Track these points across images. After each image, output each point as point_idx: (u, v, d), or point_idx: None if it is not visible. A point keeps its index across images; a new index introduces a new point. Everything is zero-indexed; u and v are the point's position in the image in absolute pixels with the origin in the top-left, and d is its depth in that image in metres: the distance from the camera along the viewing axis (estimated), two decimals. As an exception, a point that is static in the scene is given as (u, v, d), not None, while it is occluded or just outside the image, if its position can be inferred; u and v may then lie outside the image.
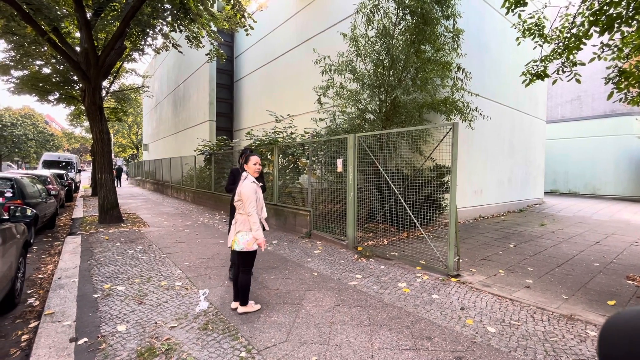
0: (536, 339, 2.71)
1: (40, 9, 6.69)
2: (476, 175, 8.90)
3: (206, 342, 2.60)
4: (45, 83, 13.47)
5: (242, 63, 16.49)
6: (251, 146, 8.63)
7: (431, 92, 6.47)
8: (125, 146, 41.41)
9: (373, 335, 2.73)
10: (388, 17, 6.32)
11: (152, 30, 9.37)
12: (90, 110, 7.95)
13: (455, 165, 4.12)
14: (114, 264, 4.68)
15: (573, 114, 18.13)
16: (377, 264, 4.79)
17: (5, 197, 5.72)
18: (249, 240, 3.00)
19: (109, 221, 7.88)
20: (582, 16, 5.30)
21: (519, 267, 4.74)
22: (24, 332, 2.88)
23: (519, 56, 9.73)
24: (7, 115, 37.54)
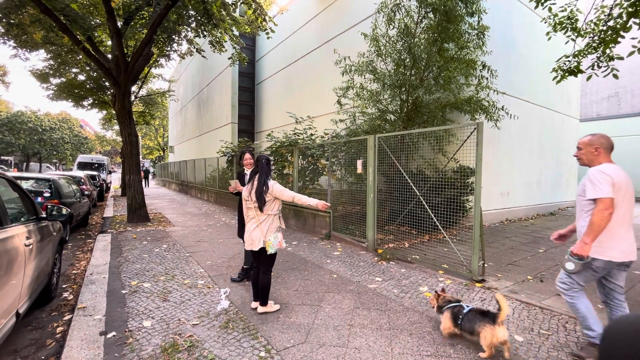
0: (568, 351, 2.55)
1: (76, 20, 7.11)
2: (503, 177, 8.56)
3: (227, 341, 2.64)
4: (80, 89, 14.32)
5: (263, 66, 16.76)
6: (271, 147, 8.74)
7: (455, 91, 6.29)
8: (152, 148, 43.16)
9: (393, 340, 2.68)
10: (410, 15, 6.21)
11: (177, 36, 9.73)
12: (120, 114, 8.34)
13: (480, 166, 3.98)
14: (141, 261, 4.87)
15: (610, 112, 17.06)
16: (398, 267, 4.70)
17: (44, 196, 6.10)
18: (280, 240, 3.11)
19: (136, 220, 8.23)
20: (620, 7, 4.97)
21: (550, 273, 4.50)
22: (59, 325, 3.05)
23: (548, 52, 9.28)
24: (46, 120, 40.19)
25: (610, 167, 2.27)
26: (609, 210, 2.16)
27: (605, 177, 2.20)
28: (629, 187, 2.26)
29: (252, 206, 3.09)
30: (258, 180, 3.08)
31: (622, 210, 2.24)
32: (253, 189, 3.08)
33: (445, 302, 2.79)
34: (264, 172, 3.10)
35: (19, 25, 8.07)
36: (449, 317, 2.67)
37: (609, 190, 2.17)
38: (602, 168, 2.27)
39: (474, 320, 2.47)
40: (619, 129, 16.07)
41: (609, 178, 2.20)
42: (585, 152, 2.42)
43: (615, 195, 2.19)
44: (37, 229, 3.00)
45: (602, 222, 2.16)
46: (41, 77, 13.49)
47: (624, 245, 2.26)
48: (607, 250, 2.26)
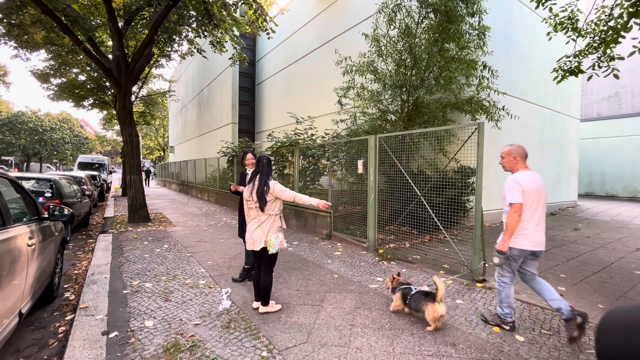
0: (570, 351, 2.56)
1: (77, 20, 7.12)
2: (503, 177, 8.53)
3: (229, 340, 2.65)
4: (80, 89, 14.33)
5: (263, 66, 16.78)
6: (272, 147, 8.75)
7: (455, 91, 6.29)
8: (153, 148, 43.19)
9: (394, 340, 2.68)
10: (410, 16, 6.22)
11: (178, 36, 9.74)
12: (121, 114, 8.36)
13: (481, 166, 3.99)
14: (142, 261, 4.88)
15: (610, 112, 17.05)
16: (399, 267, 4.71)
17: (45, 197, 6.11)
18: (282, 240, 3.12)
19: (137, 220, 8.24)
20: (621, 7, 4.98)
21: (551, 273, 4.50)
22: (61, 324, 3.06)
23: (549, 52, 9.28)
24: (47, 120, 40.20)
25: (523, 175, 2.78)
26: (518, 213, 2.68)
27: (516, 186, 2.71)
28: (538, 191, 2.74)
29: (254, 206, 3.10)
30: (259, 181, 3.08)
31: (532, 210, 2.73)
32: (254, 189, 3.08)
33: (398, 285, 3.23)
34: (265, 172, 3.11)
35: (20, 25, 8.08)
36: (399, 297, 3.12)
37: (519, 197, 2.68)
38: (516, 177, 2.78)
39: (419, 300, 2.93)
40: (620, 129, 16.07)
41: (519, 187, 2.70)
42: (506, 160, 2.93)
43: (526, 199, 2.70)
44: (40, 229, 3.01)
45: (513, 222, 2.69)
46: (42, 77, 13.51)
47: (534, 237, 2.73)
48: (520, 241, 2.74)
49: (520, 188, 2.69)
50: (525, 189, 2.69)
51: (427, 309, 2.83)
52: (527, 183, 2.71)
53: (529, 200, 2.71)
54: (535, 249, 2.75)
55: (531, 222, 2.73)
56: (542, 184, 2.80)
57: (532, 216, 2.73)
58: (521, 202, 2.67)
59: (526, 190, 2.69)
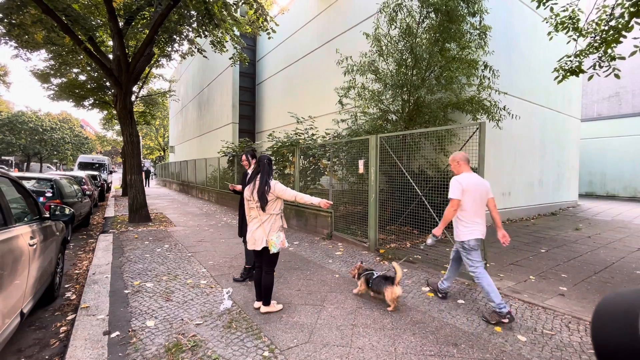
0: (572, 350, 2.56)
1: (77, 20, 7.12)
2: (504, 177, 8.56)
3: (230, 340, 2.65)
4: (81, 89, 14.32)
5: (264, 66, 16.77)
6: (273, 147, 8.75)
7: (456, 91, 6.29)
8: (153, 148, 43.18)
9: (396, 340, 2.68)
10: (411, 15, 6.22)
11: (178, 36, 9.74)
12: (122, 114, 8.35)
13: (482, 166, 3.98)
14: (143, 261, 4.88)
15: (611, 112, 17.04)
16: (399, 266, 4.69)
17: (46, 196, 6.10)
18: (283, 240, 3.12)
19: (138, 220, 8.23)
20: (622, 7, 4.97)
21: (552, 273, 4.50)
22: (62, 324, 3.06)
23: (550, 52, 9.28)
24: (47, 120, 40.20)
25: (464, 176, 3.20)
26: (454, 207, 3.13)
27: (457, 185, 3.12)
28: (477, 189, 3.14)
29: (255, 206, 3.09)
30: (260, 180, 3.08)
31: (474, 205, 3.14)
32: (255, 188, 3.08)
33: (362, 271, 3.61)
34: (266, 172, 3.10)
35: (21, 25, 8.07)
36: (363, 282, 3.52)
37: (458, 194, 3.10)
38: (458, 177, 3.19)
39: (379, 283, 3.32)
40: (620, 129, 16.07)
41: (460, 186, 3.11)
42: (453, 165, 3.37)
43: (467, 196, 3.11)
44: (41, 228, 3.01)
45: (449, 215, 3.16)
46: (42, 77, 13.50)
47: (482, 228, 3.20)
48: (472, 232, 3.15)
49: (460, 187, 3.11)
50: (466, 188, 3.11)
51: (387, 291, 3.21)
52: (467, 183, 3.13)
53: (470, 197, 3.12)
54: (482, 236, 3.21)
55: (470, 213, 3.15)
56: (481, 183, 3.21)
57: (477, 211, 3.15)
58: (459, 198, 3.11)
59: (466, 189, 3.11)
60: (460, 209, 3.16)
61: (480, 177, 3.34)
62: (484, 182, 3.25)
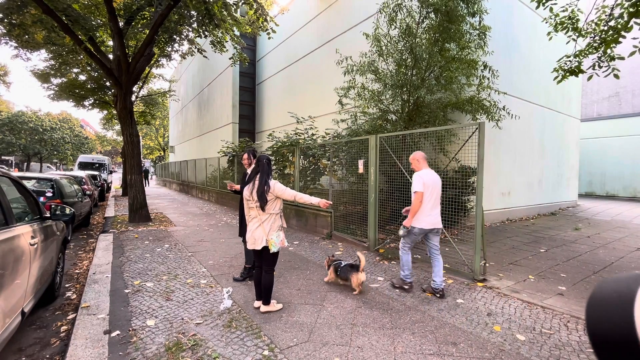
0: (570, 350, 2.57)
1: (78, 20, 7.13)
2: (504, 177, 8.57)
3: (230, 339, 2.66)
4: (81, 89, 14.33)
5: (264, 66, 16.78)
6: (273, 147, 8.76)
7: (456, 91, 6.30)
8: (153, 148, 43.19)
9: (395, 339, 2.69)
10: (411, 15, 6.22)
11: (178, 36, 9.73)
12: (122, 114, 8.36)
13: (481, 166, 3.99)
14: (143, 261, 4.89)
15: (611, 112, 17.06)
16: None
17: (46, 196, 6.11)
18: (283, 239, 3.14)
19: (138, 220, 8.24)
20: (621, 7, 4.98)
21: (551, 272, 4.51)
22: (63, 324, 3.07)
23: (550, 52, 9.30)
24: (47, 120, 40.21)
25: (424, 172, 3.65)
26: (419, 199, 3.53)
27: (419, 179, 3.57)
28: (434, 184, 3.61)
29: (254, 205, 3.11)
30: (259, 180, 3.09)
31: (429, 198, 3.56)
32: (254, 188, 3.09)
33: (332, 262, 4.00)
34: (265, 171, 3.11)
35: (21, 25, 8.08)
36: (332, 270, 3.91)
37: (421, 187, 3.54)
38: (420, 173, 3.65)
39: (346, 271, 3.74)
40: (620, 129, 16.08)
41: (421, 180, 3.56)
42: (413, 163, 3.81)
43: (425, 190, 3.54)
44: (42, 228, 3.02)
45: (416, 206, 3.55)
46: (42, 77, 13.51)
47: (430, 218, 3.58)
48: (419, 221, 3.58)
49: (421, 181, 3.56)
50: (425, 182, 3.56)
51: (353, 277, 3.64)
52: (426, 178, 3.58)
53: (427, 191, 3.56)
54: (432, 227, 3.59)
55: (427, 206, 3.57)
56: (437, 179, 3.69)
57: (429, 202, 3.58)
58: (422, 190, 3.54)
59: (425, 183, 3.55)
60: (424, 202, 3.58)
61: (434, 172, 3.75)
62: (438, 177, 3.73)
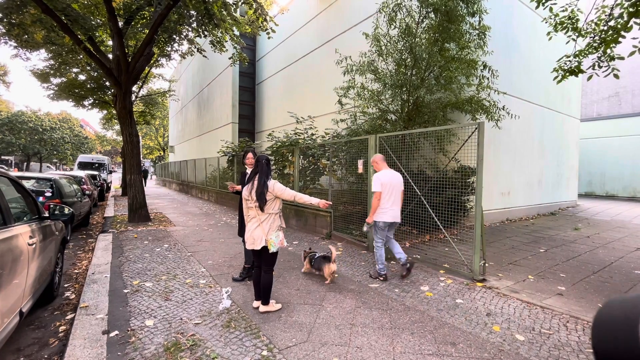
0: (570, 350, 2.56)
1: (77, 20, 7.12)
2: (503, 177, 8.57)
3: (229, 340, 2.65)
4: (80, 89, 14.32)
5: (263, 66, 16.77)
6: (272, 147, 8.75)
7: (455, 91, 6.29)
8: (153, 148, 43.17)
9: (395, 339, 2.69)
10: (411, 15, 6.22)
11: (178, 36, 9.73)
12: (121, 114, 8.35)
13: (481, 166, 3.98)
14: (142, 261, 4.88)
15: (610, 112, 17.06)
16: (399, 266, 4.70)
17: (46, 196, 6.11)
18: (282, 239, 3.13)
19: (137, 220, 8.24)
20: (621, 7, 4.98)
21: (550, 272, 4.51)
22: (62, 324, 3.06)
23: (549, 52, 9.30)
24: (47, 120, 40.19)
25: (382, 172, 4.09)
26: (377, 198, 3.99)
27: (377, 180, 4.01)
28: (392, 183, 4.02)
29: (253, 205, 3.10)
30: (258, 180, 3.09)
31: (389, 195, 4.01)
32: (253, 188, 3.09)
33: (307, 254, 4.39)
34: (264, 172, 3.11)
35: (20, 25, 8.07)
36: (307, 262, 4.30)
37: (379, 187, 3.98)
38: (378, 174, 4.09)
39: (319, 262, 4.10)
40: (619, 129, 16.08)
41: (379, 180, 4.00)
42: (374, 165, 4.27)
43: (383, 189, 3.98)
44: (40, 228, 3.01)
45: (375, 204, 4.01)
46: (42, 77, 13.50)
47: (391, 213, 4.03)
48: (382, 216, 4.03)
49: (379, 181, 3.99)
50: (383, 182, 3.99)
51: (325, 268, 3.98)
52: (384, 178, 4.02)
53: (386, 189, 3.99)
54: (392, 221, 4.06)
55: (388, 203, 4.01)
56: (396, 177, 4.11)
57: (389, 199, 4.00)
58: (380, 190, 3.97)
59: (384, 183, 3.99)
60: (383, 200, 4.01)
61: (395, 172, 4.17)
62: (398, 176, 4.14)
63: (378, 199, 3.96)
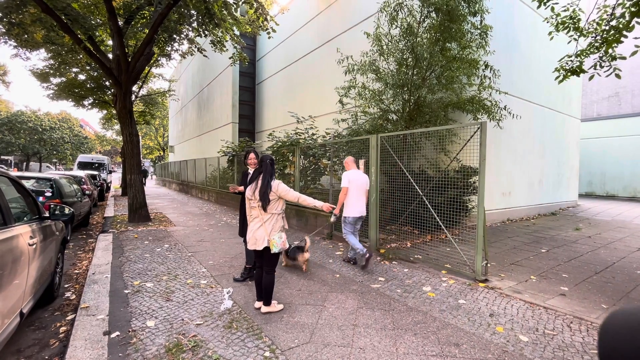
0: (574, 351, 2.55)
1: (77, 19, 7.10)
2: (504, 177, 8.55)
3: (231, 341, 2.63)
4: (80, 89, 14.29)
5: (264, 65, 16.75)
6: (273, 147, 8.73)
7: (457, 91, 6.28)
8: (152, 148, 43.11)
9: (398, 340, 2.67)
10: (412, 15, 6.21)
11: (178, 35, 9.71)
12: (121, 114, 8.33)
13: (483, 166, 3.96)
14: (143, 261, 4.86)
15: (610, 112, 17.06)
16: (401, 266, 4.69)
17: (46, 196, 6.08)
18: (284, 240, 3.10)
19: (137, 220, 8.21)
20: (623, 7, 4.97)
21: (553, 273, 4.49)
22: (62, 324, 3.04)
23: (550, 52, 9.29)
24: (46, 119, 40.14)
25: (350, 172, 4.66)
26: (344, 192, 4.56)
27: (346, 178, 4.59)
28: (358, 181, 4.59)
29: (256, 205, 3.08)
30: (262, 180, 3.07)
31: (355, 192, 4.58)
32: (257, 188, 3.07)
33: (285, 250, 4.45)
34: (268, 172, 3.10)
35: (20, 24, 8.04)
36: (284, 254, 4.55)
37: (346, 184, 4.55)
38: (347, 173, 4.66)
39: (294, 252, 4.44)
40: (619, 129, 16.07)
41: (347, 178, 4.58)
42: (345, 166, 4.85)
43: (350, 186, 4.54)
44: (41, 228, 2.99)
45: (342, 198, 4.58)
46: (41, 76, 13.47)
47: (356, 208, 4.59)
48: (351, 211, 4.59)
49: (347, 179, 4.57)
50: (350, 179, 4.56)
51: (299, 257, 4.37)
52: (352, 177, 4.59)
53: (351, 186, 4.55)
54: (360, 215, 4.62)
55: (353, 198, 4.58)
56: (363, 178, 4.67)
57: (354, 195, 4.57)
58: (347, 186, 4.54)
59: (350, 180, 4.56)
60: (348, 196, 4.54)
61: (362, 172, 4.74)
62: (364, 176, 4.71)
63: (345, 194, 4.55)
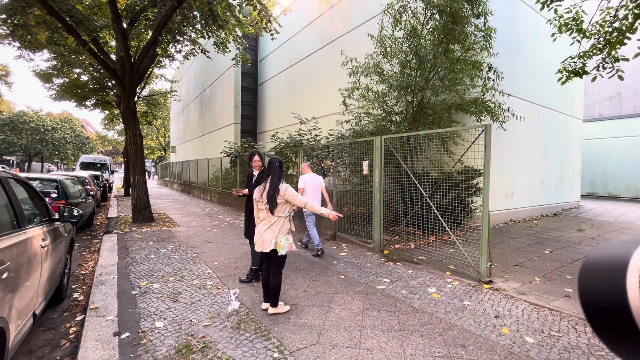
0: (580, 352, 2.57)
1: (82, 21, 7.14)
2: (507, 177, 8.57)
3: (240, 342, 2.66)
4: (83, 89, 14.35)
5: (266, 66, 16.78)
6: (276, 148, 8.76)
7: (460, 92, 6.29)
8: (154, 148, 43.21)
9: (404, 341, 2.70)
10: (416, 17, 6.22)
11: (181, 37, 9.74)
12: (125, 114, 8.37)
13: (488, 167, 3.99)
14: (149, 262, 4.89)
15: (612, 112, 17.05)
16: (405, 268, 4.72)
17: (51, 197, 6.12)
18: (291, 242, 3.14)
19: (141, 220, 8.25)
20: (626, 9, 4.99)
21: (557, 274, 4.51)
22: (72, 325, 3.08)
23: (552, 53, 9.30)
24: (48, 120, 40.24)
25: (307, 175, 5.41)
26: (301, 193, 5.15)
27: (302, 180, 5.34)
28: (313, 183, 5.30)
29: (264, 207, 3.11)
30: (270, 183, 3.09)
31: (309, 191, 5.23)
32: (265, 190, 3.09)
33: None
34: (276, 174, 3.12)
35: (24, 26, 8.09)
36: None
37: (302, 185, 5.27)
38: (303, 176, 5.40)
39: None
40: (621, 130, 16.06)
41: (303, 180, 5.32)
42: (302, 170, 5.63)
43: (305, 187, 5.24)
44: (51, 230, 3.02)
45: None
46: (44, 77, 13.54)
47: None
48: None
49: (303, 181, 5.31)
50: (305, 182, 5.30)
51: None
52: (307, 179, 5.32)
53: (307, 187, 5.26)
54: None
55: (310, 197, 5.13)
56: (317, 180, 5.36)
57: (311, 194, 5.23)
58: (303, 187, 5.25)
59: (306, 182, 5.29)
60: (305, 194, 5.18)
61: (317, 175, 5.45)
62: (318, 178, 5.39)
63: (301, 193, 5.15)
